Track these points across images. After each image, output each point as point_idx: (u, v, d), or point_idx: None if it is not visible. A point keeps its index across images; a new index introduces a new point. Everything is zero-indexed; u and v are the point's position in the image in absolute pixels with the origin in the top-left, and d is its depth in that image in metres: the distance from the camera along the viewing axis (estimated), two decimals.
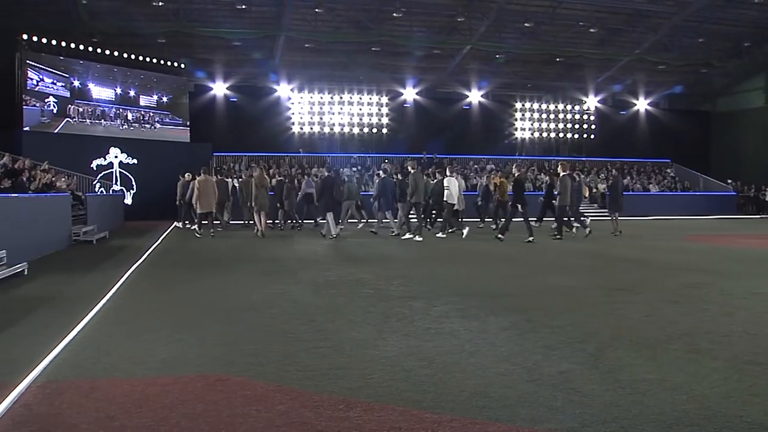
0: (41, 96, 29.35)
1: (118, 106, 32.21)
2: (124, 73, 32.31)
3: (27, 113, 28.74)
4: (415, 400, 4.67)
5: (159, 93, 33.79)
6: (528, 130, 42.11)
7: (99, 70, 31.44)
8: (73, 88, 30.62)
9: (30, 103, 28.89)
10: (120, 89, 32.23)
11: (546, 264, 13.53)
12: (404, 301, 8.69)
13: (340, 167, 29.67)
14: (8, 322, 7.45)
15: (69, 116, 30.27)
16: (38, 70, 29.20)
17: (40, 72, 29.25)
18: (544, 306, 8.39)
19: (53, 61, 29.80)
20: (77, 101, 30.66)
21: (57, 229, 16.95)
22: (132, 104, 32.76)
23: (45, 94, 29.48)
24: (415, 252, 15.83)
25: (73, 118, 30.45)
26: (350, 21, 33.52)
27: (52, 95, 29.72)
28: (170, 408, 4.56)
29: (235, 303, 8.78)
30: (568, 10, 33.24)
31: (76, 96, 30.66)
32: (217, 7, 31.57)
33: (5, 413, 4.47)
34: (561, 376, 5.25)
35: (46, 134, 28.96)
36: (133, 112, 32.66)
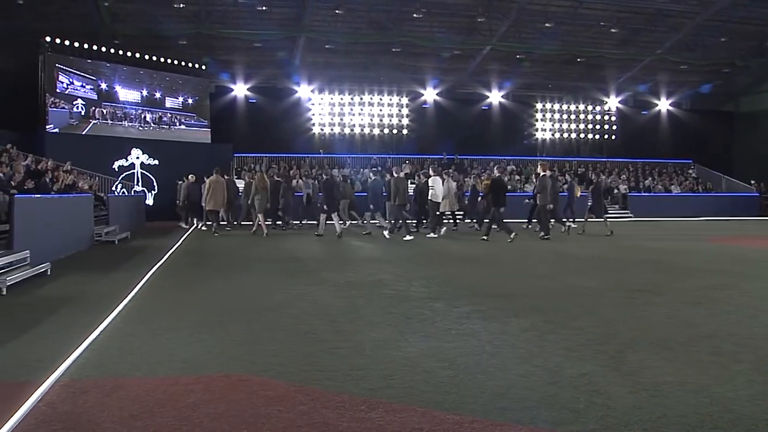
0: (69, 98, 29.80)
1: (144, 108, 32.57)
2: (149, 75, 32.75)
3: (55, 115, 29.27)
4: (437, 402, 4.67)
5: (184, 95, 34.20)
6: (548, 130, 42.02)
7: (125, 73, 31.89)
8: (101, 91, 31.10)
9: (59, 106, 29.29)
10: (146, 91, 32.65)
11: (564, 265, 13.46)
12: (425, 302, 8.68)
13: (335, 169, 30.19)
14: (32, 322, 7.51)
15: (94, 118, 30.58)
16: (68, 73, 29.66)
17: (70, 75, 29.67)
18: (564, 307, 8.35)
19: (81, 65, 30.28)
20: (104, 103, 31.07)
21: (79, 230, 17.05)
22: (158, 106, 33.15)
23: (73, 97, 29.92)
24: (435, 253, 15.80)
25: (98, 120, 30.74)
26: (370, 22, 33.55)
27: (80, 98, 30.14)
28: (193, 408, 4.58)
29: (256, 303, 8.81)
30: (590, 10, 33.10)
31: (103, 98, 31.13)
32: (238, 9, 31.71)
33: (30, 412, 4.50)
34: (582, 378, 5.22)
35: (68, 135, 29.28)
36: (153, 114, 32.92)
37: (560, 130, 42.10)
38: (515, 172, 37.12)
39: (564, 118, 42.17)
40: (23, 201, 12.88)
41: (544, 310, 8.11)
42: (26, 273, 10.73)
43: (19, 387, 5.02)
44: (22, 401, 4.67)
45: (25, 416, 4.42)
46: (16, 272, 10.41)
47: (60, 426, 4.28)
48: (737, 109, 45.23)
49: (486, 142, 39.88)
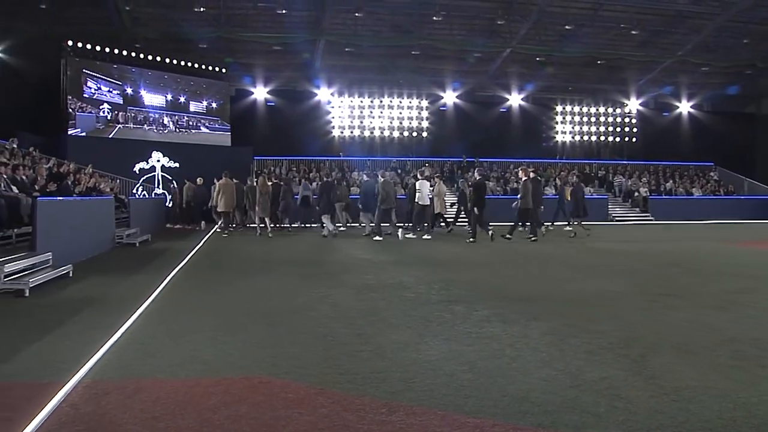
0: (96, 103, 30.17)
1: (168, 111, 32.85)
2: (174, 79, 33.14)
3: (82, 120, 29.72)
4: (457, 405, 4.67)
5: (209, 99, 34.56)
6: (569, 133, 41.84)
7: (150, 78, 32.32)
8: (126, 95, 31.45)
9: (86, 110, 29.66)
10: (170, 95, 32.91)
11: (584, 267, 13.37)
12: (444, 305, 8.67)
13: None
14: (54, 323, 7.57)
15: (118, 122, 30.94)
16: (96, 79, 30.09)
17: (98, 81, 30.12)
18: (585, 310, 8.32)
19: (108, 70, 30.73)
20: (130, 108, 31.42)
21: (101, 232, 17.15)
22: (182, 110, 33.46)
23: (99, 101, 30.26)
24: (456, 256, 15.77)
25: (123, 124, 31.09)
26: (390, 25, 33.55)
27: (106, 102, 30.49)
28: (213, 410, 4.61)
29: (277, 306, 8.84)
30: (610, 12, 32.91)
31: (128, 103, 31.57)
32: (258, 12, 31.78)
33: (53, 412, 4.55)
34: (604, 381, 5.21)
35: (90, 138, 29.52)
36: (173, 117, 33.18)
37: (580, 133, 41.91)
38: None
39: (584, 120, 41.96)
40: (46, 204, 12.96)
41: (564, 313, 8.08)
42: (49, 275, 10.80)
43: (43, 388, 5.07)
44: (46, 402, 4.72)
45: (49, 417, 4.47)
46: (39, 274, 10.49)
47: (83, 427, 4.32)
48: (759, 110, 44.75)
49: (506, 145, 39.74)
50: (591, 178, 38.35)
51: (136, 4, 30.30)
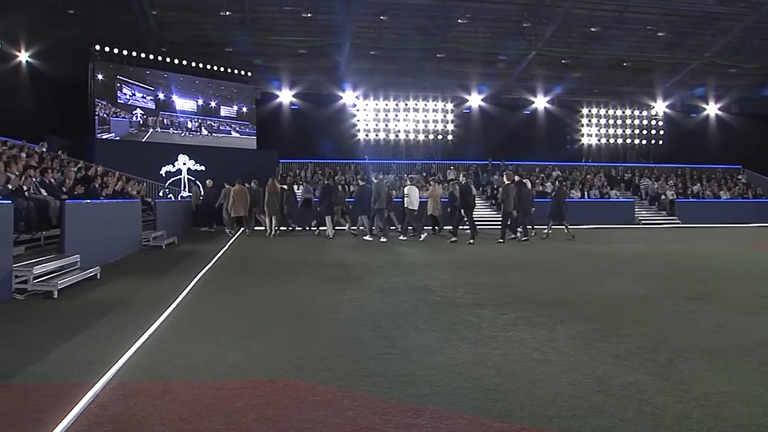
0: (129, 108, 30.57)
1: (200, 116, 33.32)
2: (205, 84, 33.50)
3: (116, 124, 30.28)
4: (484, 409, 4.66)
5: (239, 103, 34.87)
6: (595, 136, 41.57)
7: (182, 83, 32.77)
8: (158, 101, 31.85)
9: (120, 115, 30.05)
10: (202, 100, 33.28)
11: (609, 271, 13.28)
12: (470, 308, 8.65)
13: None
14: (83, 325, 7.65)
15: (150, 126, 31.39)
16: (131, 85, 30.59)
17: (133, 87, 30.65)
18: (612, 314, 8.27)
19: (141, 75, 31.14)
20: (162, 112, 31.82)
21: (128, 235, 17.29)
22: (213, 114, 33.84)
23: (133, 107, 30.67)
24: (480, 259, 15.72)
25: (154, 128, 31.57)
26: (415, 28, 33.51)
27: (139, 107, 30.91)
28: (241, 412, 4.62)
29: (303, 308, 8.87)
30: (636, 14, 32.70)
31: (161, 107, 31.96)
32: (283, 16, 31.89)
33: (82, 413, 4.59)
34: (631, 386, 5.17)
35: (117, 141, 29.77)
36: (203, 121, 33.52)
37: (606, 136, 41.63)
38: (560, 177, 36.81)
39: (610, 123, 41.68)
40: (74, 206, 13.09)
41: (591, 317, 8.04)
42: (77, 276, 10.91)
43: (72, 389, 5.12)
44: (75, 403, 4.76)
45: (78, 417, 4.51)
46: (67, 276, 10.59)
47: (111, 428, 4.36)
48: None
49: (531, 148, 39.58)
50: (617, 181, 38.12)
51: (163, 9, 30.55)
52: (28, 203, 12.73)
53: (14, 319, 8.11)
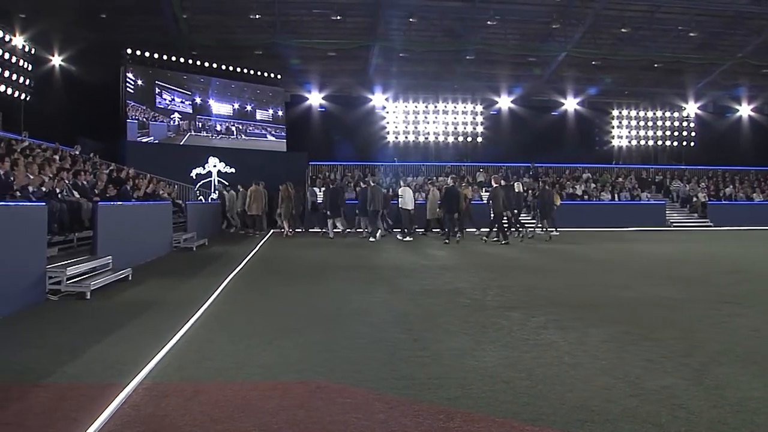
0: (167, 113, 31.01)
1: (236, 120, 33.69)
2: (240, 88, 33.87)
3: (155, 128, 30.96)
4: (515, 412, 4.63)
5: (275, 107, 35.25)
6: (625, 137, 41.28)
7: (218, 87, 33.17)
8: (195, 104, 32.24)
9: (158, 120, 30.48)
10: (238, 104, 33.63)
11: (640, 274, 13.18)
12: (501, 311, 8.62)
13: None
14: (115, 325, 7.71)
15: (186, 130, 32.00)
16: (170, 91, 31.04)
17: (172, 93, 31.16)
18: (644, 318, 8.20)
19: (178, 80, 31.61)
20: (198, 116, 32.26)
21: (159, 237, 17.42)
22: (249, 118, 34.26)
23: (170, 111, 31.11)
24: (510, 261, 15.66)
25: (191, 132, 32.37)
26: (444, 30, 33.53)
27: (177, 111, 31.35)
28: (272, 414, 4.64)
29: (333, 310, 8.88)
30: (667, 14, 32.47)
31: (197, 112, 32.26)
32: (313, 18, 32.05)
33: (115, 413, 4.64)
34: (665, 391, 5.12)
35: (147, 144, 30.10)
36: (238, 125, 33.90)
37: (637, 137, 41.33)
38: (591, 180, 36.61)
39: (641, 124, 41.38)
40: (106, 208, 13.21)
41: (622, 320, 7.98)
42: (109, 278, 11.00)
43: (105, 389, 5.17)
44: (108, 403, 4.81)
45: (111, 417, 4.55)
46: (100, 277, 10.69)
47: (144, 428, 4.39)
48: None
49: (561, 150, 39.38)
50: (648, 183, 37.81)
51: (193, 12, 30.86)
52: (62, 205, 12.87)
53: (48, 320, 8.20)
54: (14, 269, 8.79)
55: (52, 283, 9.72)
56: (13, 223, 8.95)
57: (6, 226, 8.69)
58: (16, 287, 8.80)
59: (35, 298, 9.24)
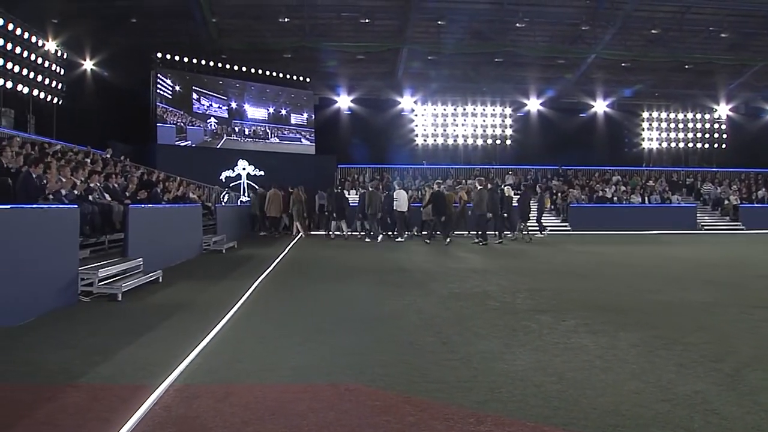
0: (204, 117, 31.38)
1: (271, 124, 34.05)
2: (275, 92, 34.10)
3: (192, 133, 31.54)
4: (546, 416, 4.60)
5: (308, 111, 35.35)
6: (656, 140, 40.95)
7: (253, 91, 33.63)
8: (231, 109, 32.58)
9: (195, 124, 30.88)
10: (272, 108, 33.95)
11: (671, 278, 13.05)
12: (530, 314, 8.58)
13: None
14: (147, 327, 7.77)
15: (222, 134, 32.34)
16: (208, 96, 31.59)
17: (210, 98, 31.51)
18: (675, 322, 8.12)
19: (214, 85, 32.00)
20: (234, 120, 32.60)
21: (189, 239, 17.53)
22: (284, 122, 34.56)
23: (207, 116, 31.48)
24: (539, 265, 15.59)
25: (227, 136, 32.95)
26: (473, 32, 33.45)
27: (213, 116, 31.69)
28: (302, 416, 4.65)
29: (363, 313, 8.89)
30: (698, 15, 32.13)
31: (233, 116, 32.66)
32: (341, 22, 32.12)
33: (147, 414, 4.68)
34: (697, 396, 5.06)
35: (177, 147, 30.33)
36: (272, 129, 34.22)
37: (667, 140, 41.00)
38: (621, 182, 36.33)
39: (671, 126, 41.04)
40: (137, 211, 13.31)
41: (653, 324, 7.91)
42: (140, 280, 11.09)
43: (137, 390, 5.21)
44: (140, 404, 4.85)
45: (143, 418, 4.59)
46: (131, 279, 10.78)
47: (175, 429, 4.43)
48: None
49: (591, 152, 39.17)
50: (678, 185, 37.46)
51: (223, 16, 31.05)
52: (93, 208, 12.99)
53: (80, 321, 8.27)
54: (47, 271, 8.89)
55: (84, 284, 9.81)
56: (46, 225, 9.06)
57: (40, 229, 8.80)
58: (49, 289, 8.90)
59: (68, 300, 9.33)
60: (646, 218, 31.12)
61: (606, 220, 30.11)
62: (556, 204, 33.22)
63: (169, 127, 30.80)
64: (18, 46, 22.42)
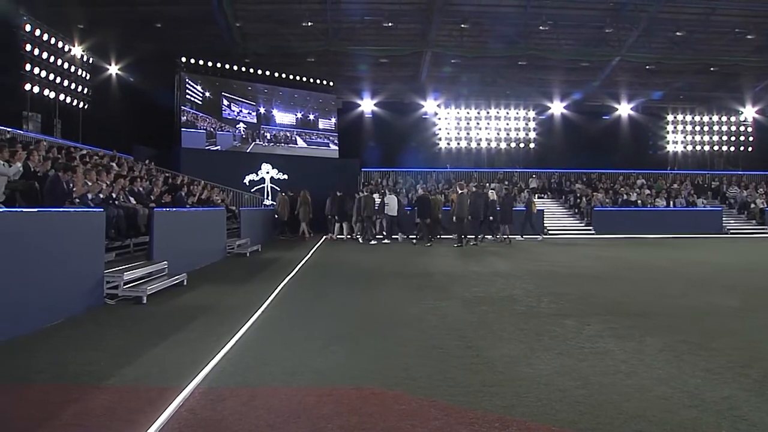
0: (233, 123, 31.66)
1: (299, 129, 34.17)
2: (303, 98, 34.33)
3: (221, 138, 31.68)
4: (571, 421, 4.58)
5: (334, 116, 35.51)
6: (680, 143, 40.58)
7: (281, 97, 33.65)
8: (259, 114, 32.81)
9: (224, 129, 31.16)
10: (300, 113, 34.15)
11: (696, 282, 12.98)
12: (555, 318, 8.55)
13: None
14: (172, 329, 7.84)
15: (251, 139, 32.81)
16: (238, 103, 31.91)
17: (240, 104, 31.99)
18: (701, 327, 8.06)
19: (243, 91, 32.24)
20: (263, 126, 32.85)
21: (213, 242, 17.62)
22: (312, 127, 34.71)
23: (236, 121, 31.73)
24: (563, 269, 15.52)
25: (255, 141, 33.17)
26: (496, 36, 33.32)
27: (242, 121, 31.90)
28: (326, 419, 4.66)
29: (387, 317, 8.89)
30: (723, 17, 31.80)
31: (262, 121, 32.87)
32: (365, 26, 32.14)
33: (172, 416, 4.71)
34: (724, 402, 5.02)
35: (201, 151, 30.45)
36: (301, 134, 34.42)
37: (692, 143, 40.61)
38: (645, 186, 36.07)
39: (696, 129, 40.64)
40: (161, 214, 13.41)
41: (679, 329, 7.86)
42: (165, 283, 11.17)
43: (163, 392, 5.26)
44: (166, 406, 4.90)
45: (169, 420, 4.63)
46: (156, 282, 10.87)
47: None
48: None
49: (615, 156, 38.93)
50: (704, 189, 37.12)
51: (246, 21, 31.21)
52: (119, 211, 13.09)
53: (106, 324, 8.35)
54: (74, 274, 8.98)
55: (109, 287, 9.90)
56: (73, 229, 9.15)
57: (66, 232, 8.89)
58: (75, 291, 8.99)
59: (94, 302, 9.42)
60: (670, 222, 30.86)
61: (630, 224, 29.94)
62: (579, 207, 33.06)
63: (200, 132, 30.99)
64: (45, 51, 22.62)
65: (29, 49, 21.79)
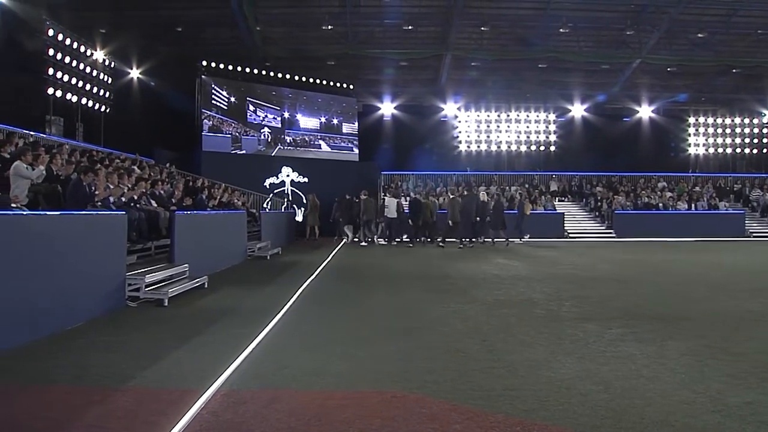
0: (258, 127, 31.83)
1: (323, 133, 34.55)
2: (327, 102, 34.52)
3: (246, 142, 31.91)
4: (593, 426, 4.56)
5: (355, 119, 35.71)
6: (702, 145, 40.27)
7: (305, 101, 33.89)
8: (284, 119, 32.93)
9: (249, 134, 31.48)
10: (324, 118, 34.27)
11: (718, 286, 12.85)
12: (576, 322, 8.51)
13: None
14: (192, 332, 7.87)
15: (275, 143, 33.20)
16: (263, 108, 32.40)
17: (265, 110, 32.35)
18: (723, 331, 7.98)
19: (268, 96, 32.47)
20: (287, 130, 32.95)
21: (233, 245, 17.69)
22: (335, 131, 34.88)
23: (261, 125, 31.90)
24: (584, 272, 15.46)
25: (280, 146, 33.50)
26: (516, 38, 33.31)
27: (266, 126, 32.09)
28: (348, 423, 4.65)
29: (408, 320, 8.86)
30: (745, 18, 31.58)
31: (286, 125, 33.00)
32: (384, 29, 32.24)
33: (194, 419, 4.73)
34: (748, 407, 4.98)
35: (222, 154, 30.56)
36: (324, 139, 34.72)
37: (714, 145, 40.28)
38: (667, 189, 35.84)
39: (718, 132, 40.32)
40: (182, 217, 13.48)
41: (701, 333, 7.80)
42: (186, 285, 11.24)
43: (184, 394, 5.28)
44: (187, 408, 4.91)
45: (190, 422, 4.65)
46: (177, 285, 10.93)
47: None
48: None
49: (636, 158, 38.73)
50: (726, 192, 36.81)
51: (266, 25, 31.37)
52: (140, 214, 13.14)
53: (128, 326, 8.39)
54: (96, 276, 9.05)
55: (131, 290, 9.96)
56: (95, 231, 9.22)
57: (88, 235, 8.95)
58: (97, 294, 9.05)
59: (116, 305, 9.48)
60: (692, 225, 30.65)
61: (651, 227, 29.82)
62: (600, 211, 32.93)
63: (225, 137, 31.18)
64: (68, 56, 22.79)
65: (52, 53, 21.95)
